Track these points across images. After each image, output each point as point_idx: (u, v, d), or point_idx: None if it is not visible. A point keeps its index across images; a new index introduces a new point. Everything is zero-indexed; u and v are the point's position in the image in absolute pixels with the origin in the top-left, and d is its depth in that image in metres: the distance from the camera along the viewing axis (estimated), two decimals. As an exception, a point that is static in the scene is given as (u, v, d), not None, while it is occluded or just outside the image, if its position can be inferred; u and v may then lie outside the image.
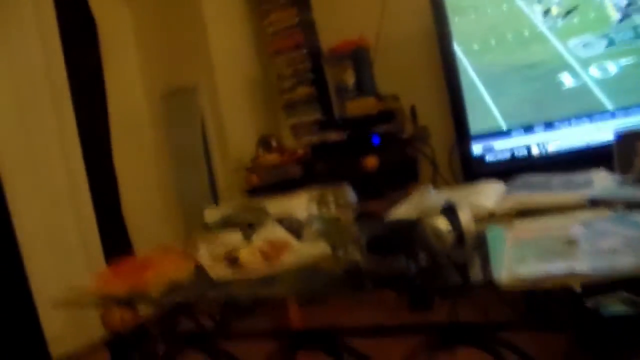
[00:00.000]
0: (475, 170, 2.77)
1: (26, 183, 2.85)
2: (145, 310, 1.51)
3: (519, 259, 1.03)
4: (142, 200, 3.49)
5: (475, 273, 1.17)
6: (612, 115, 2.58)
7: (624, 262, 0.92)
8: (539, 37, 2.72)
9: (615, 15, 2.61)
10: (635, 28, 2.57)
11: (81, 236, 3.04)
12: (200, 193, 3.44)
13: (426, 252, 1.14)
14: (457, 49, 2.82)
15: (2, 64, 2.85)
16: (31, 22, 2.95)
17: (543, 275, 0.93)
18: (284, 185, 3.08)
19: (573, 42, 2.67)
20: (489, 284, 0.98)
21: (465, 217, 1.17)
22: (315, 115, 3.39)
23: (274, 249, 1.49)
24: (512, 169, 2.62)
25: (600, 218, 1.23)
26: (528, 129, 2.70)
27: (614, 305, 2.10)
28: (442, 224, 1.12)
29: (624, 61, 2.58)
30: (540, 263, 0.98)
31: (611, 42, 2.61)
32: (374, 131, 2.91)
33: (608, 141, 2.24)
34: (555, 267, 0.94)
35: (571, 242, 1.07)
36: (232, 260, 1.43)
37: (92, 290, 1.46)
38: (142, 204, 3.49)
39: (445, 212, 1.17)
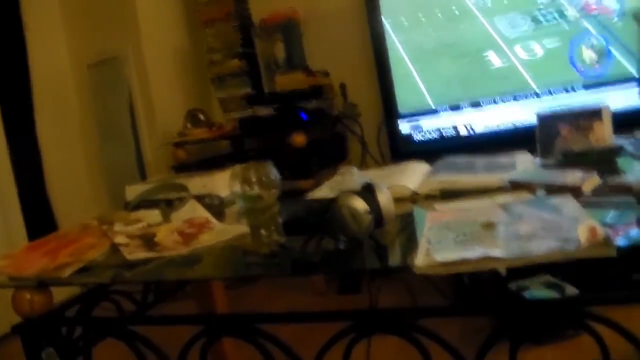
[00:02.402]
0: (403, 149, 2.78)
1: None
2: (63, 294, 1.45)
3: (437, 242, 1.02)
4: (67, 175, 3.39)
5: (395, 256, 1.16)
6: (537, 95, 2.61)
7: (539, 247, 0.92)
8: (468, 15, 2.73)
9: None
10: (559, 8, 2.60)
11: (2, 212, 2.94)
12: (127, 168, 3.36)
13: (343, 234, 1.12)
14: (387, 25, 2.80)
15: None
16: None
17: (458, 260, 0.92)
18: (212, 161, 3.06)
19: (500, 21, 2.68)
20: (406, 269, 0.97)
21: (384, 198, 1.15)
22: (245, 89, 3.35)
23: (193, 228, 1.45)
24: (439, 148, 2.68)
25: (520, 201, 1.24)
26: (455, 107, 2.71)
27: (538, 289, 2.14)
28: (360, 204, 1.10)
29: (549, 42, 2.61)
30: (457, 247, 0.98)
31: (537, 22, 2.63)
32: (303, 107, 2.88)
33: (533, 123, 2.27)
34: (470, 252, 0.93)
35: (489, 226, 1.06)
36: (148, 239, 1.39)
37: (1, 271, 1.40)
38: (67, 179, 3.39)
39: (363, 192, 1.15)
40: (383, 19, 2.79)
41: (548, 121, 1.75)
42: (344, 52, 3.25)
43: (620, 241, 0.92)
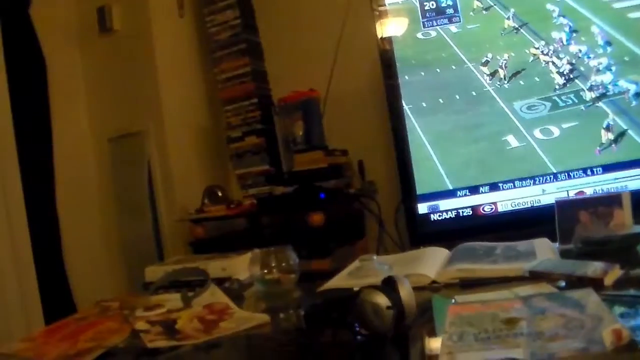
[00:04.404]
0: (420, 229, 2.77)
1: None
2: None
3: (459, 338, 1.02)
4: (84, 248, 3.41)
5: (417, 354, 1.15)
6: (555, 177, 2.62)
7: (562, 349, 0.91)
8: (486, 98, 2.76)
9: (559, 80, 2.67)
10: (577, 93, 2.64)
11: (19, 284, 2.94)
12: (144, 242, 3.37)
13: (365, 328, 1.12)
14: (406, 107, 2.84)
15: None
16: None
17: (481, 363, 0.92)
18: (229, 238, 3.07)
19: (518, 104, 2.71)
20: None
21: (405, 292, 1.15)
22: (263, 166, 3.39)
23: (213, 315, 1.45)
24: (457, 229, 2.67)
25: (541, 293, 1.23)
26: (473, 189, 2.72)
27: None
28: (382, 300, 1.10)
29: (567, 124, 2.64)
30: (478, 346, 0.97)
31: (555, 106, 2.67)
32: (322, 186, 2.90)
33: (551, 203, 2.27)
34: (492, 353, 0.93)
35: (511, 322, 1.06)
36: (169, 326, 1.39)
37: (21, 355, 1.40)
38: (85, 252, 3.40)
39: (385, 286, 1.15)
40: (403, 102, 2.83)
41: (567, 208, 1.76)
42: (362, 130, 3.29)
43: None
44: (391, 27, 2.91)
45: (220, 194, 3.24)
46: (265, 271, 1.64)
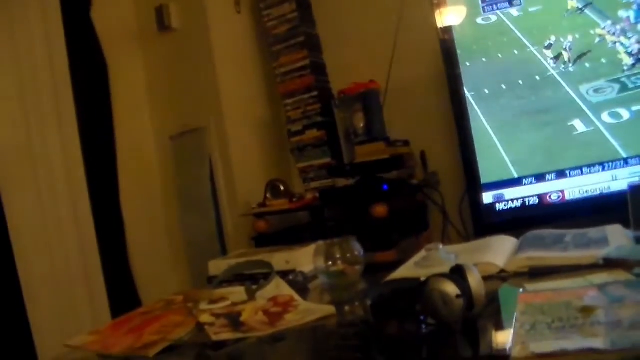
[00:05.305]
0: (485, 219, 2.72)
1: (34, 230, 2.82)
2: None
3: (532, 328, 0.98)
4: (148, 245, 3.46)
5: (489, 344, 1.11)
6: (626, 162, 2.53)
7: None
8: (551, 82, 2.68)
9: (627, 60, 2.58)
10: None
11: (87, 282, 2.99)
12: (207, 237, 3.40)
13: (434, 318, 1.09)
14: (468, 94, 2.78)
15: (13, 103, 2.84)
16: (45, 62, 2.95)
17: (557, 351, 0.88)
18: (292, 232, 3.06)
19: (584, 87, 2.63)
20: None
21: (475, 281, 1.12)
22: (325, 159, 3.37)
23: (278, 307, 1.44)
24: (523, 218, 2.61)
25: (616, 281, 1.19)
26: (539, 177, 2.65)
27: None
28: (451, 289, 1.07)
29: (637, 107, 2.55)
30: (553, 335, 0.93)
31: (624, 88, 2.57)
32: (384, 177, 2.87)
33: (621, 190, 2.20)
34: (569, 342, 0.89)
35: (587, 310, 1.02)
36: (234, 319, 1.38)
37: (89, 348, 1.42)
38: (149, 248, 3.45)
39: (454, 275, 1.12)
40: (465, 89, 2.77)
41: (641, 192, 1.70)
42: (424, 120, 3.24)
43: None
44: (450, 13, 2.85)
45: (282, 187, 3.22)
46: (330, 263, 1.62)
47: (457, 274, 1.13)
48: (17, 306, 2.72)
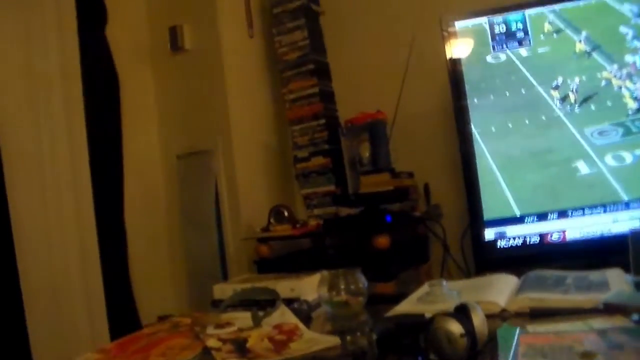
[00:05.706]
0: (486, 255, 2.74)
1: (38, 239, 2.83)
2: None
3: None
4: (149, 262, 3.47)
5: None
6: (627, 205, 2.56)
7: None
8: (556, 123, 2.72)
9: (632, 104, 2.62)
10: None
11: (86, 295, 3.00)
12: (208, 258, 3.41)
13: (437, 356, 1.12)
14: (474, 130, 2.82)
15: (24, 112, 2.86)
16: (57, 71, 2.98)
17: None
18: (293, 257, 3.08)
19: (589, 129, 2.67)
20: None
21: (478, 320, 1.15)
22: (329, 186, 3.41)
23: (283, 335, 1.47)
24: (524, 257, 2.63)
25: (615, 327, 1.21)
26: (541, 216, 2.68)
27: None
28: (456, 328, 1.10)
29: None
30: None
31: (627, 131, 2.61)
32: (387, 208, 2.90)
33: (622, 232, 2.22)
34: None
35: (587, 355, 1.04)
36: (240, 345, 1.41)
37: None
38: (149, 264, 3.46)
39: (458, 314, 1.15)
40: (472, 125, 2.81)
41: (642, 238, 1.73)
42: (429, 153, 3.28)
43: None
44: (460, 49, 2.89)
45: (286, 213, 3.25)
46: (334, 293, 1.64)
47: (462, 312, 1.16)
48: (16, 316, 2.72)
